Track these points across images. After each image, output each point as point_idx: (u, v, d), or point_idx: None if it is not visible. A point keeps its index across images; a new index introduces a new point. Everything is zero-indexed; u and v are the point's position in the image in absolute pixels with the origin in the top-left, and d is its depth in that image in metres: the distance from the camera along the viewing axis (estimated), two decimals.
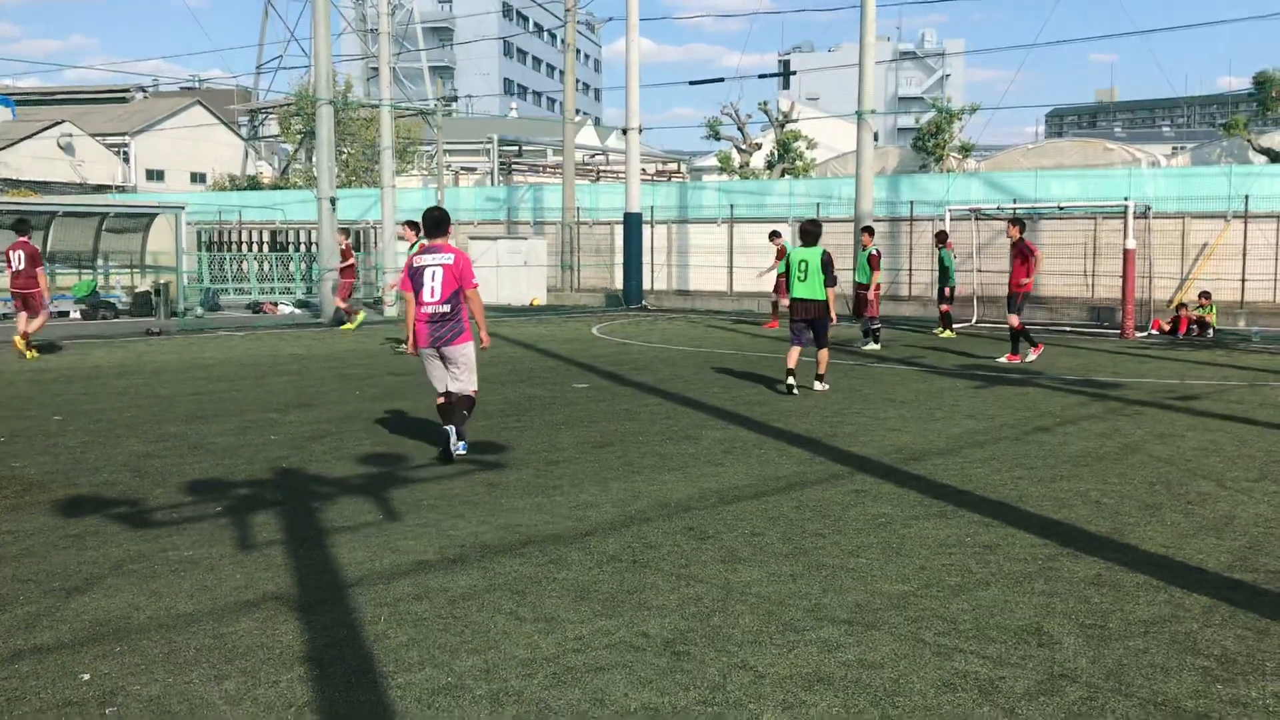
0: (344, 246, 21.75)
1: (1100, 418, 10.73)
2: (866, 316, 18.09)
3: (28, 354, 16.18)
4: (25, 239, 16.63)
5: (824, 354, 12.83)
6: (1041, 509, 7.00)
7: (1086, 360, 16.31)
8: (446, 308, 8.48)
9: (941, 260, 19.54)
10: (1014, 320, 15.75)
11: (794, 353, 12.54)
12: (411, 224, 18.49)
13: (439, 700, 4.06)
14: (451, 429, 8.50)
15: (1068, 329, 22.36)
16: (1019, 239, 15.78)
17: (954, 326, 20.35)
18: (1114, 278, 22.61)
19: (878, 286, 18.26)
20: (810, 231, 12.52)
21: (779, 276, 21.88)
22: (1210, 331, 20.66)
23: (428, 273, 8.50)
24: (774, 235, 23.04)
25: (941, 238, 19.95)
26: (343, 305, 22.15)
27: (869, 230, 18.95)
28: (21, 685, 4.18)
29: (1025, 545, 6.15)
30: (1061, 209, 24.21)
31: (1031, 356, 15.71)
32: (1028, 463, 8.49)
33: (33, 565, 5.71)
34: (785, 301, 17.53)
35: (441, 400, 8.72)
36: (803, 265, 12.39)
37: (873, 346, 17.65)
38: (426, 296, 8.49)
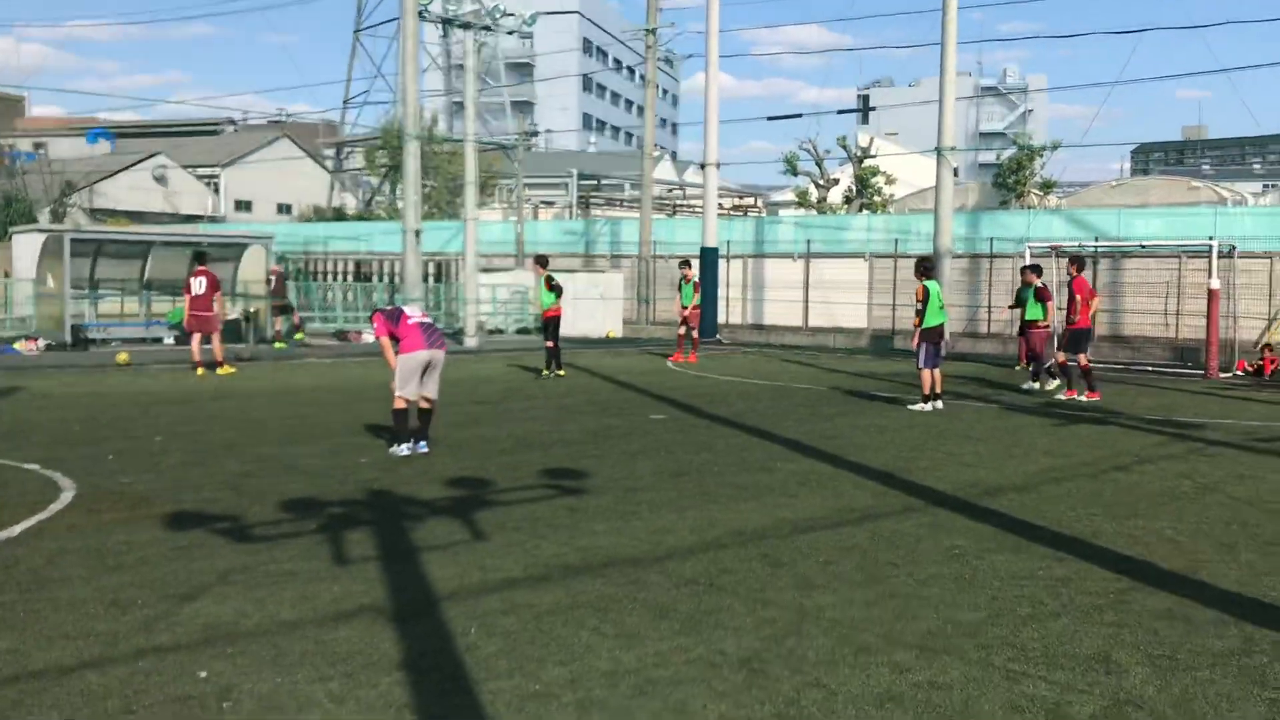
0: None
1: (1179, 457, 10.68)
2: (1040, 356, 17.55)
3: (226, 370, 18.14)
4: (205, 267, 18.59)
5: (939, 373, 14.51)
6: (1115, 545, 7.06)
7: (1168, 400, 16.13)
8: (430, 319, 10.53)
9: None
10: (1081, 359, 15.72)
11: (933, 374, 14.13)
12: (540, 259, 18.91)
13: (529, 705, 4.31)
14: (425, 441, 10.26)
15: (1150, 369, 22.06)
16: (1073, 277, 15.74)
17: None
18: (1198, 317, 22.26)
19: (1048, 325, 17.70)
20: (935, 267, 14.90)
21: (689, 308, 21.75)
22: None
23: (403, 305, 10.60)
24: (684, 264, 22.27)
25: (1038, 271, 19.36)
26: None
27: (1036, 269, 18.08)
28: (145, 681, 4.52)
29: (1098, 579, 6.23)
30: (1144, 248, 23.93)
31: (1063, 395, 15.75)
32: (1103, 500, 8.52)
33: (147, 573, 6.11)
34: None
35: (404, 405, 10.18)
36: (940, 297, 14.37)
37: (1040, 385, 17.09)
38: (413, 312, 10.43)
